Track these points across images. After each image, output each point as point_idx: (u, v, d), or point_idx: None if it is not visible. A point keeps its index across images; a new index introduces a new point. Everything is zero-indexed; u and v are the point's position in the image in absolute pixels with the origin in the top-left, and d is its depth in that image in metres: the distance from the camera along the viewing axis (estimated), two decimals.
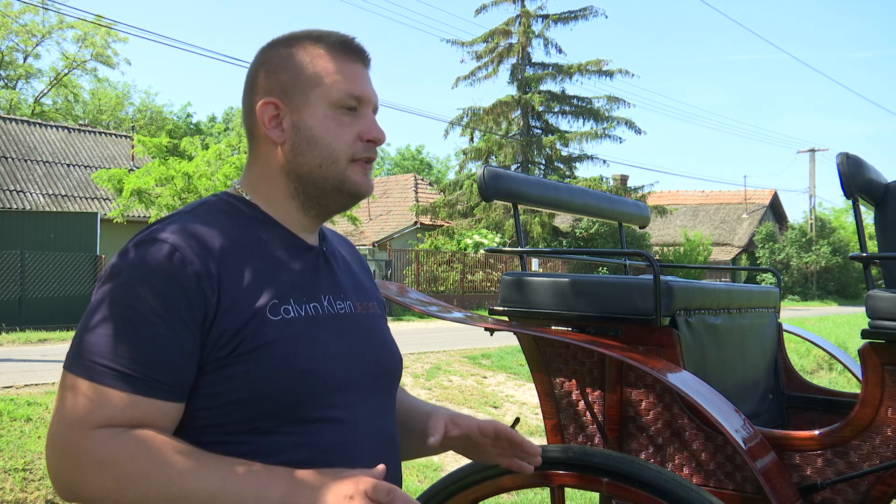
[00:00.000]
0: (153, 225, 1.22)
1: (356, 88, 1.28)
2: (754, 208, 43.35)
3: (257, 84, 1.30)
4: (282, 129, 1.27)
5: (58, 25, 34.11)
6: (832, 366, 13.01)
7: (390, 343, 1.41)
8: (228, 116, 51.80)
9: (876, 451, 1.96)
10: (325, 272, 1.32)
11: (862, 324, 2.07)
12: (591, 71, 28.18)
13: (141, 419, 1.10)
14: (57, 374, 7.53)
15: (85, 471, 1.07)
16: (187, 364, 1.13)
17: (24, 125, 23.61)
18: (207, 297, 1.14)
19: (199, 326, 1.13)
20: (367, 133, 1.29)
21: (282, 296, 1.21)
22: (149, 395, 1.10)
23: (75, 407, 1.09)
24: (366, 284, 1.44)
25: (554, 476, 1.96)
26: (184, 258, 1.14)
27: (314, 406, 1.19)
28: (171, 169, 15.41)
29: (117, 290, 1.13)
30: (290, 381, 1.16)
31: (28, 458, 4.64)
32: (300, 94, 1.27)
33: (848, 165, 2.19)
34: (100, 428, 1.08)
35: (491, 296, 22.84)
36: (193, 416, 1.15)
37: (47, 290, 15.65)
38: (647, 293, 2.09)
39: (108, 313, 1.12)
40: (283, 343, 1.17)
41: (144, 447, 1.07)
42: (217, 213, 1.26)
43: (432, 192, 32.34)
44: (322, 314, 1.25)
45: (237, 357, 1.14)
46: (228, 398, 1.14)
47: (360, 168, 1.29)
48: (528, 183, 2.58)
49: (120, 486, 1.06)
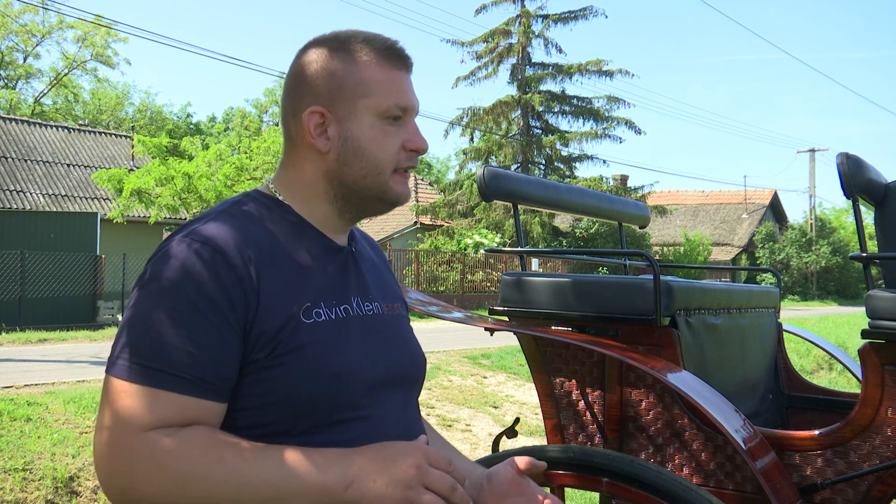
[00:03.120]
0: (190, 224, 1.22)
1: (402, 98, 1.28)
2: (754, 208, 43.36)
3: (302, 88, 1.27)
4: (327, 138, 1.26)
5: (58, 25, 34.15)
6: (832, 366, 13.00)
7: (414, 343, 1.42)
8: (228, 116, 51.76)
9: (876, 451, 1.95)
10: (353, 273, 1.33)
11: (862, 324, 2.06)
12: (591, 71, 28.18)
13: (191, 419, 1.10)
14: (56, 374, 7.58)
15: (140, 473, 1.06)
16: (232, 364, 1.14)
17: (24, 125, 23.61)
18: (248, 298, 1.15)
19: (241, 327, 1.14)
20: (412, 143, 1.29)
21: (314, 299, 1.22)
22: (198, 395, 1.11)
23: (124, 411, 1.08)
24: (391, 284, 1.45)
25: (554, 476, 1.96)
26: (225, 260, 1.15)
27: (347, 407, 1.20)
28: (171, 169, 15.41)
29: (160, 291, 1.13)
30: (323, 383, 1.18)
31: (28, 458, 4.64)
32: (347, 103, 1.25)
33: (848, 165, 2.19)
34: (152, 429, 1.08)
35: (491, 296, 22.84)
36: (233, 418, 1.16)
37: (47, 290, 15.66)
38: (647, 293, 2.09)
39: (152, 315, 1.12)
40: (315, 346, 1.19)
41: (199, 443, 1.08)
42: (251, 213, 1.27)
43: (432, 192, 32.34)
44: (352, 316, 1.27)
45: (274, 359, 1.16)
46: (266, 400, 1.16)
47: (401, 177, 1.30)
48: (528, 183, 2.58)
49: (178, 485, 1.06)
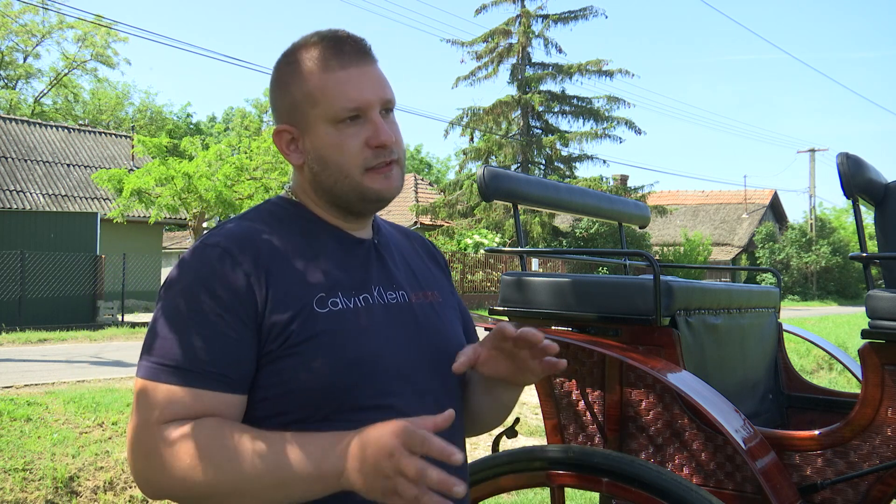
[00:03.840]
0: (209, 231, 1.30)
1: (352, 98, 1.26)
2: (754, 208, 43.36)
3: (272, 106, 1.35)
4: (299, 152, 1.32)
5: (58, 25, 34.16)
6: (832, 366, 12.99)
7: (449, 331, 1.41)
8: (228, 116, 51.78)
9: (876, 451, 1.95)
10: (376, 264, 1.35)
11: (862, 324, 2.06)
12: (591, 71, 28.16)
13: (208, 413, 1.16)
14: (56, 374, 7.60)
15: (158, 463, 1.13)
16: (247, 357, 1.19)
17: (24, 125, 23.61)
18: (257, 293, 1.20)
19: (253, 321, 1.19)
20: (373, 140, 1.27)
21: (329, 289, 1.25)
22: (210, 388, 1.16)
23: (146, 408, 1.16)
24: (428, 273, 1.46)
25: (554, 476, 1.96)
26: (234, 259, 1.21)
27: (368, 394, 1.22)
28: (171, 169, 15.42)
29: (177, 295, 1.21)
30: (341, 370, 1.21)
31: (28, 458, 4.63)
32: (303, 118, 1.29)
33: (848, 165, 2.19)
34: (169, 423, 1.14)
35: (491, 296, 22.85)
36: (254, 408, 1.21)
37: (47, 290, 15.66)
38: (647, 293, 2.09)
39: (171, 318, 1.19)
40: (331, 334, 1.22)
41: (205, 433, 1.13)
42: (268, 215, 1.33)
43: (432, 192, 32.33)
44: (372, 304, 1.29)
45: (287, 349, 1.20)
46: (284, 389, 1.20)
47: (377, 174, 1.29)
48: (528, 183, 2.58)
49: (187, 474, 1.11)
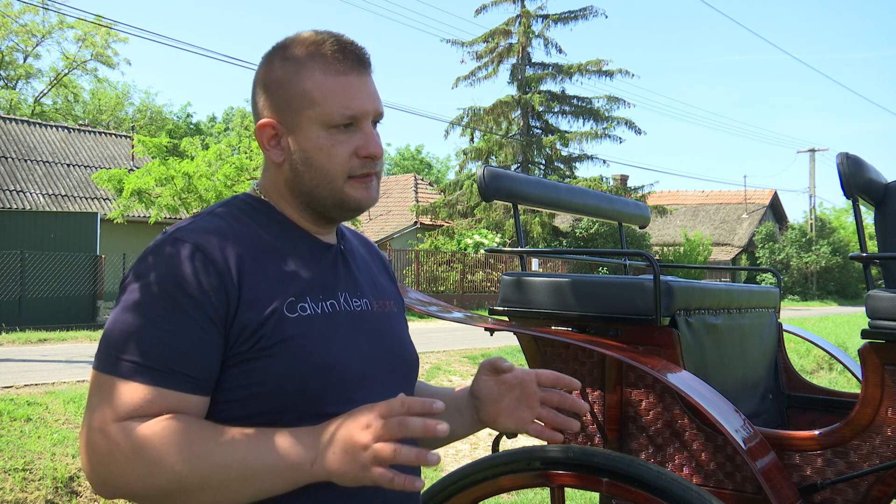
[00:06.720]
0: (175, 225, 1.25)
1: (351, 105, 1.26)
2: (754, 208, 43.35)
3: (257, 98, 1.31)
4: (281, 149, 1.29)
5: (58, 25, 34.12)
6: (832, 366, 12.99)
7: (406, 340, 1.43)
8: (228, 116, 51.76)
9: (876, 451, 1.95)
10: (342, 270, 1.34)
11: (862, 324, 2.06)
12: (591, 71, 28.18)
13: (169, 412, 1.13)
14: (56, 374, 7.58)
15: (118, 461, 1.09)
16: (211, 358, 1.16)
17: (24, 125, 23.61)
18: (229, 293, 1.17)
19: (222, 322, 1.17)
20: (363, 150, 1.27)
21: (299, 293, 1.24)
22: (174, 387, 1.13)
23: (103, 403, 1.12)
24: (384, 283, 1.46)
25: (554, 476, 1.95)
26: (206, 257, 1.18)
27: (332, 401, 1.21)
28: (171, 169, 15.42)
29: (142, 289, 1.16)
30: (307, 376, 1.20)
31: (28, 458, 4.63)
32: (293, 116, 1.27)
33: (848, 165, 2.19)
34: (127, 420, 1.11)
35: (491, 296, 22.84)
36: (217, 410, 1.19)
37: (47, 290, 15.66)
38: (647, 293, 2.09)
39: (135, 312, 1.15)
40: (300, 339, 1.20)
41: (169, 429, 1.10)
42: (237, 212, 1.30)
43: (432, 192, 32.35)
44: (339, 311, 1.28)
45: (257, 352, 1.18)
46: (250, 392, 1.18)
47: (359, 183, 1.29)
48: (528, 183, 2.58)
49: (153, 471, 1.08)
